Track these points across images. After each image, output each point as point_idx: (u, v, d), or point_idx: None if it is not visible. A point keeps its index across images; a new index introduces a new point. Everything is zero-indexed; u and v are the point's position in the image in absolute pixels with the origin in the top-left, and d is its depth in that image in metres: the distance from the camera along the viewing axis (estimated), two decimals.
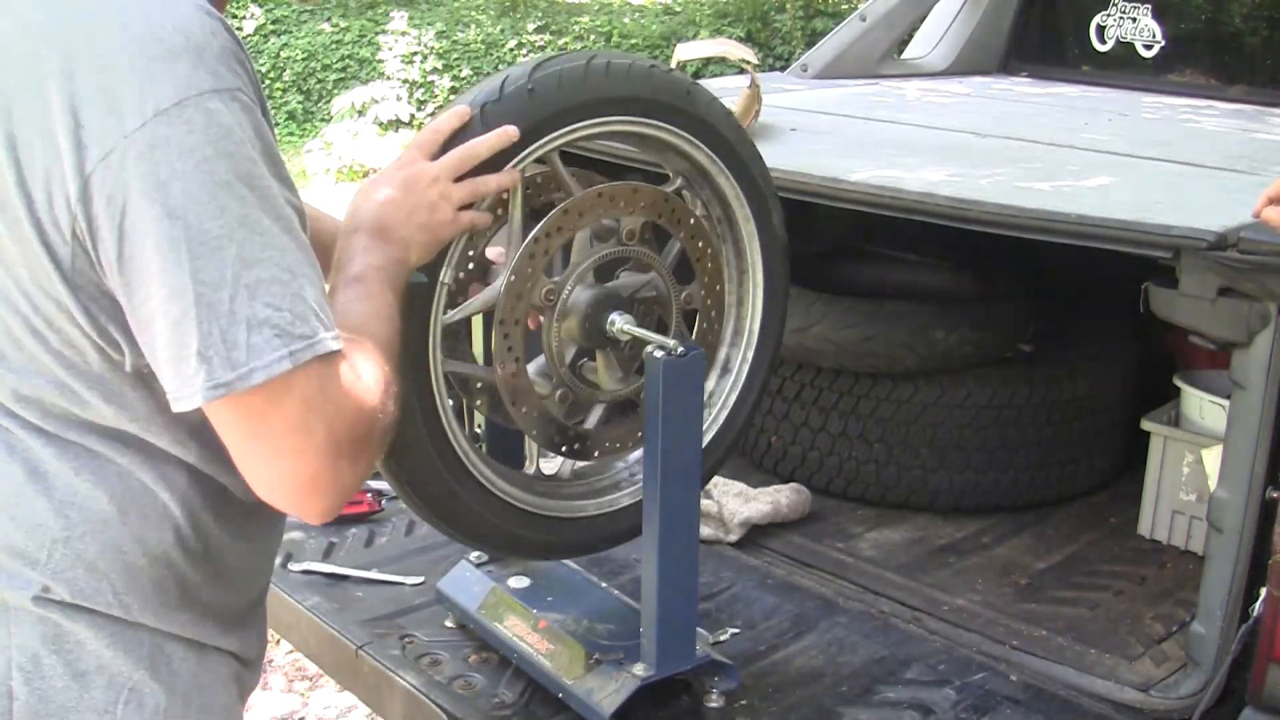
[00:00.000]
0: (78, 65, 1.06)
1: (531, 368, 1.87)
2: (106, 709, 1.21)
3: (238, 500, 1.26)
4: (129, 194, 1.04)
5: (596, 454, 1.91)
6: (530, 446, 2.00)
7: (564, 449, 1.88)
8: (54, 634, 1.20)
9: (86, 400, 1.17)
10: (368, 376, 1.18)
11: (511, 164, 1.68)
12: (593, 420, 1.93)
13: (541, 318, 1.81)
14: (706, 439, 2.00)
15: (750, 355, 2.09)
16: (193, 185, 1.05)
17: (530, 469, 2.00)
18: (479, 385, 1.91)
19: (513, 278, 1.73)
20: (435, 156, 1.58)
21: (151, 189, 1.04)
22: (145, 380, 1.16)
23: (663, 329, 1.92)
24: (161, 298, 1.06)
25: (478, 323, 1.99)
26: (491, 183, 1.62)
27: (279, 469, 1.13)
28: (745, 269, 2.06)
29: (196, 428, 1.19)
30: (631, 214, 1.85)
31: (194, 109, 1.05)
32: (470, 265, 1.79)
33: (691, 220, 1.91)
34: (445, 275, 1.70)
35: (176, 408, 1.10)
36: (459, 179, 1.57)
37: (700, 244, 1.93)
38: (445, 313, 1.74)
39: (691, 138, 1.91)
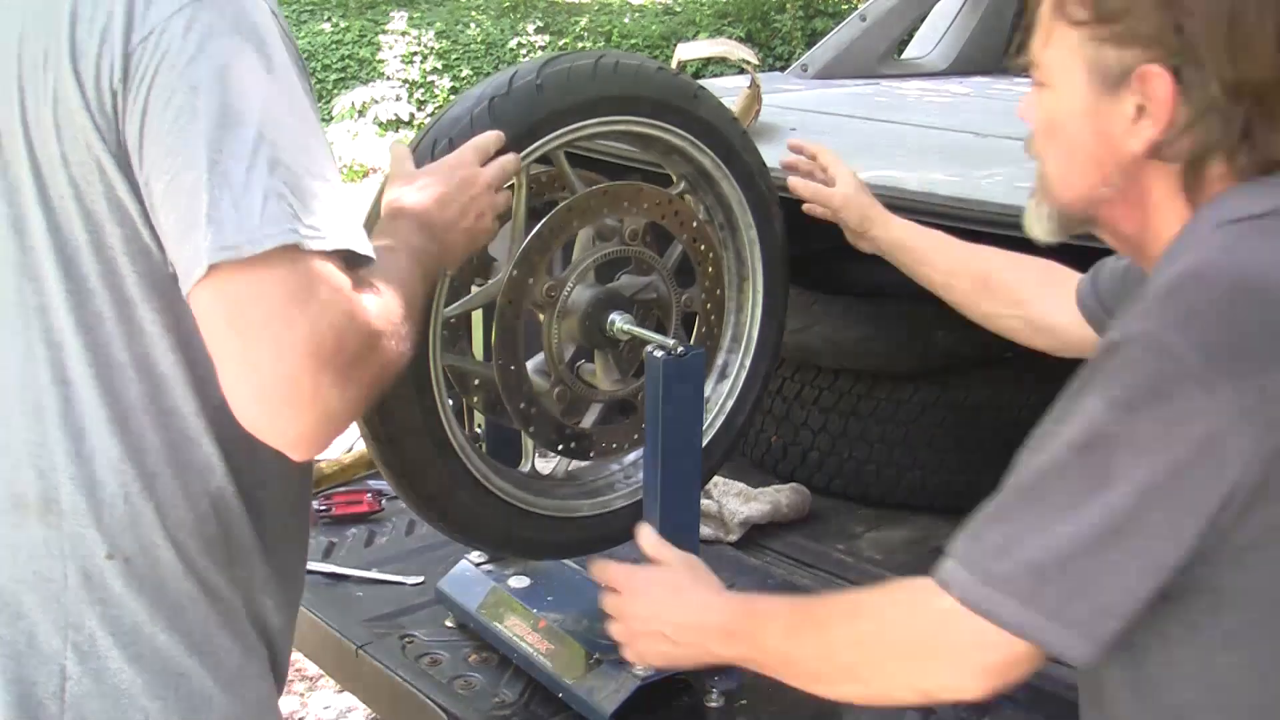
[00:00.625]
0: None
1: (530, 365, 1.87)
2: (159, 694, 1.23)
3: (272, 459, 1.21)
4: (159, 69, 1.08)
5: (593, 454, 1.92)
6: (527, 444, 2.00)
7: (561, 447, 1.88)
8: (113, 615, 1.21)
9: (141, 318, 1.17)
10: (371, 299, 1.13)
11: (533, 150, 1.71)
12: (590, 419, 1.94)
13: (541, 315, 1.82)
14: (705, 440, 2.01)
15: (748, 362, 2.09)
16: (220, 62, 1.08)
17: (525, 466, 2.00)
18: (476, 382, 1.91)
19: (514, 272, 1.73)
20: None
21: (181, 63, 1.07)
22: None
23: (661, 331, 1.92)
24: (179, 166, 1.07)
25: (477, 321, 2.00)
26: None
27: (252, 366, 1.06)
28: (746, 275, 2.06)
29: None
30: (634, 214, 1.85)
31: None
32: (473, 260, 1.80)
33: (695, 223, 1.92)
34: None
35: (185, 282, 1.08)
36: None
37: (702, 247, 1.93)
38: (446, 305, 1.74)
39: (696, 140, 1.92)
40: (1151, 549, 1.06)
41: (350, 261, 1.13)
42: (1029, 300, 1.76)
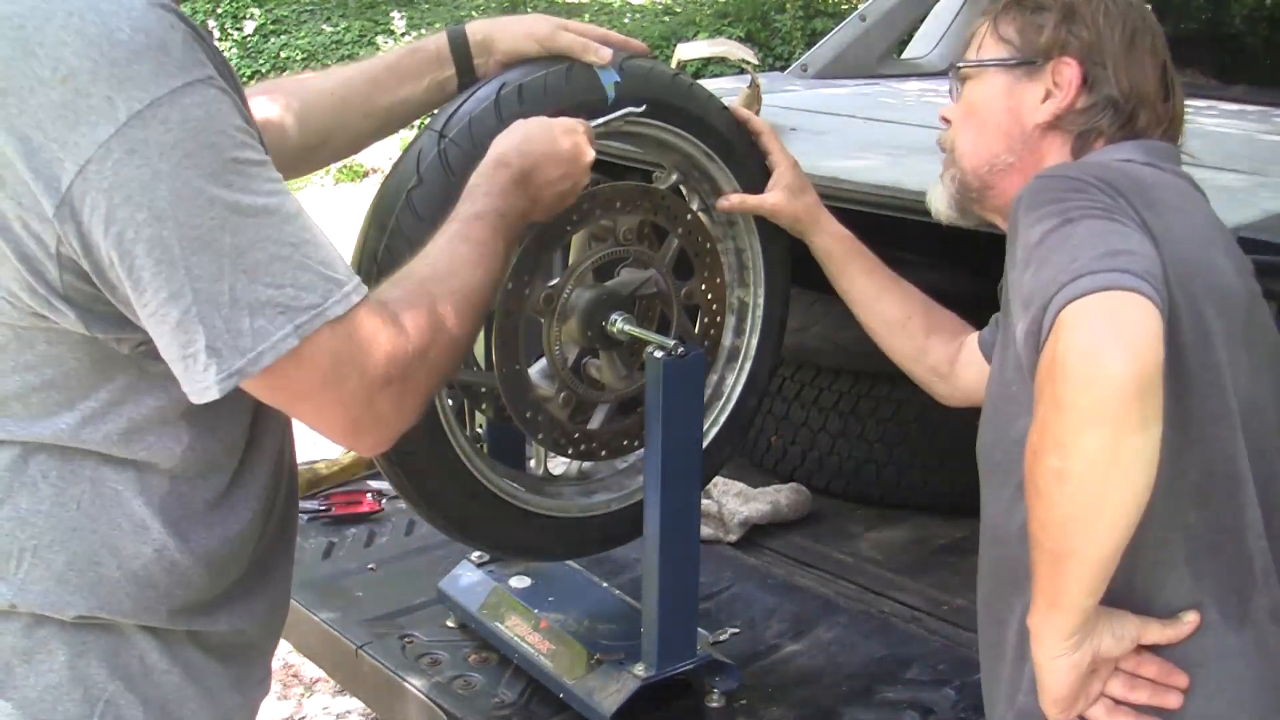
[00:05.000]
0: (22, 81, 1.01)
1: (534, 370, 1.87)
2: None
3: (219, 494, 1.24)
4: (114, 202, 1.03)
5: (604, 453, 1.91)
6: (532, 445, 1.99)
7: (571, 451, 1.87)
8: (25, 646, 1.18)
9: (71, 403, 1.14)
10: (409, 319, 1.18)
11: None
12: (597, 420, 1.93)
13: (541, 320, 1.81)
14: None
15: (755, 343, 2.09)
16: (177, 183, 1.03)
17: (537, 469, 2.00)
18: (483, 390, 1.91)
19: (509, 284, 1.72)
20: None
21: (136, 193, 1.02)
22: (138, 363, 1.14)
23: (665, 323, 1.92)
24: (161, 300, 1.05)
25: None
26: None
27: (323, 420, 1.16)
28: (747, 263, 2.05)
29: (181, 432, 1.18)
30: (626, 214, 1.85)
31: (169, 106, 1.03)
32: None
33: (688, 216, 1.91)
34: None
35: (197, 400, 1.09)
36: None
37: (698, 239, 1.93)
38: None
39: (699, 142, 1.92)
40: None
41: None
42: (934, 349, 1.84)
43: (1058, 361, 1.09)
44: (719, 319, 2.01)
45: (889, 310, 1.88)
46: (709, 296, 1.97)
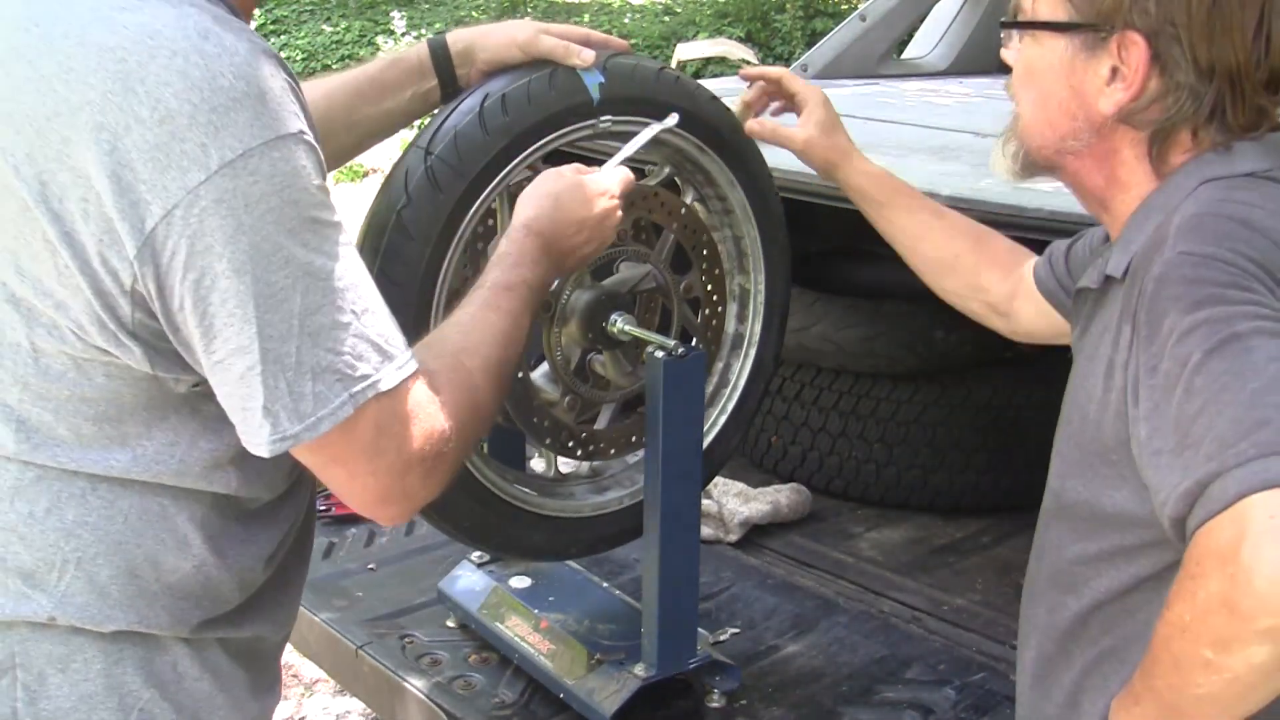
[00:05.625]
0: (119, 117, 1.01)
1: (537, 374, 1.87)
2: None
3: (258, 510, 1.26)
4: (195, 249, 1.03)
5: (613, 452, 1.91)
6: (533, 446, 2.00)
7: (579, 453, 1.88)
8: (61, 654, 1.17)
9: (124, 441, 1.14)
10: (448, 396, 1.18)
11: (489, 192, 1.69)
12: (603, 420, 1.94)
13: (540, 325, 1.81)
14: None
15: (759, 330, 2.09)
16: (259, 238, 1.04)
17: (550, 472, 1.99)
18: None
19: None
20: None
21: (219, 244, 1.03)
22: (192, 403, 1.15)
23: (666, 317, 1.92)
24: (229, 351, 1.06)
25: None
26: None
27: (354, 488, 1.16)
28: (745, 251, 2.05)
29: (230, 477, 1.19)
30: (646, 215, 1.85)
31: (259, 158, 1.03)
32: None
33: (682, 210, 1.92)
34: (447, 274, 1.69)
35: (248, 449, 1.12)
36: None
37: (693, 231, 1.93)
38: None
39: (703, 144, 1.92)
40: None
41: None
42: (989, 286, 1.73)
43: (1241, 566, 0.96)
44: (720, 309, 2.01)
45: (935, 249, 1.77)
46: (709, 287, 1.97)
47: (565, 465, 2.02)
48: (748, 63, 2.80)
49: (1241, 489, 0.97)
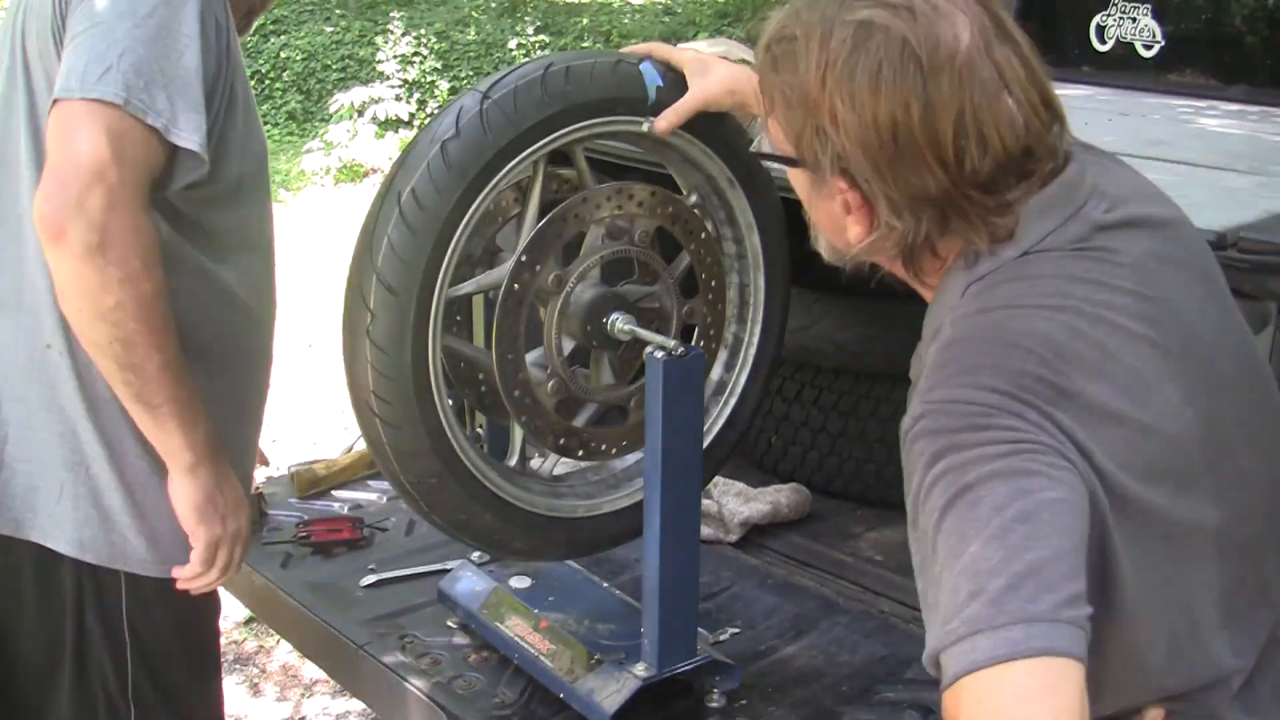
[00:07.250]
0: None
1: (529, 358, 1.87)
2: (71, 469, 1.68)
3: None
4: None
5: (582, 453, 1.91)
6: (515, 439, 1.98)
7: (551, 442, 1.88)
8: (47, 396, 1.69)
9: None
10: (131, 226, 1.54)
11: (531, 152, 1.74)
12: (582, 419, 1.94)
13: (543, 309, 1.82)
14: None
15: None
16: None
17: (512, 462, 1.99)
18: (473, 373, 1.92)
19: (523, 258, 1.75)
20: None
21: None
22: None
23: (664, 323, 1.92)
24: (72, 33, 1.59)
25: (479, 312, 2.01)
26: None
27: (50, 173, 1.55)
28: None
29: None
30: (645, 217, 1.86)
31: None
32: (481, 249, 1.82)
33: (703, 234, 1.92)
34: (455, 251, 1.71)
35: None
36: None
37: (709, 259, 1.94)
38: (451, 285, 1.75)
39: (734, 178, 1.93)
40: (1051, 513, 1.04)
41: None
42: None
43: None
44: (713, 347, 2.02)
45: None
46: (710, 332, 2.00)
47: (535, 464, 2.02)
48: (747, 63, 2.79)
49: (957, 670, 1.00)
